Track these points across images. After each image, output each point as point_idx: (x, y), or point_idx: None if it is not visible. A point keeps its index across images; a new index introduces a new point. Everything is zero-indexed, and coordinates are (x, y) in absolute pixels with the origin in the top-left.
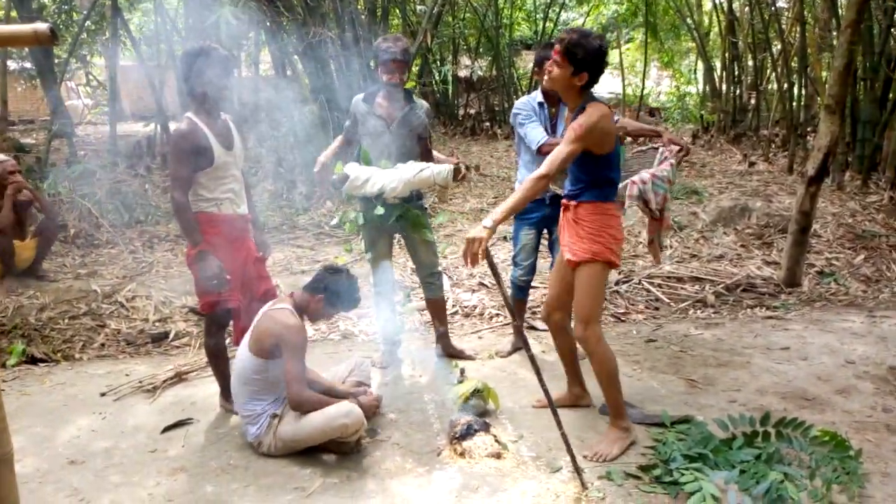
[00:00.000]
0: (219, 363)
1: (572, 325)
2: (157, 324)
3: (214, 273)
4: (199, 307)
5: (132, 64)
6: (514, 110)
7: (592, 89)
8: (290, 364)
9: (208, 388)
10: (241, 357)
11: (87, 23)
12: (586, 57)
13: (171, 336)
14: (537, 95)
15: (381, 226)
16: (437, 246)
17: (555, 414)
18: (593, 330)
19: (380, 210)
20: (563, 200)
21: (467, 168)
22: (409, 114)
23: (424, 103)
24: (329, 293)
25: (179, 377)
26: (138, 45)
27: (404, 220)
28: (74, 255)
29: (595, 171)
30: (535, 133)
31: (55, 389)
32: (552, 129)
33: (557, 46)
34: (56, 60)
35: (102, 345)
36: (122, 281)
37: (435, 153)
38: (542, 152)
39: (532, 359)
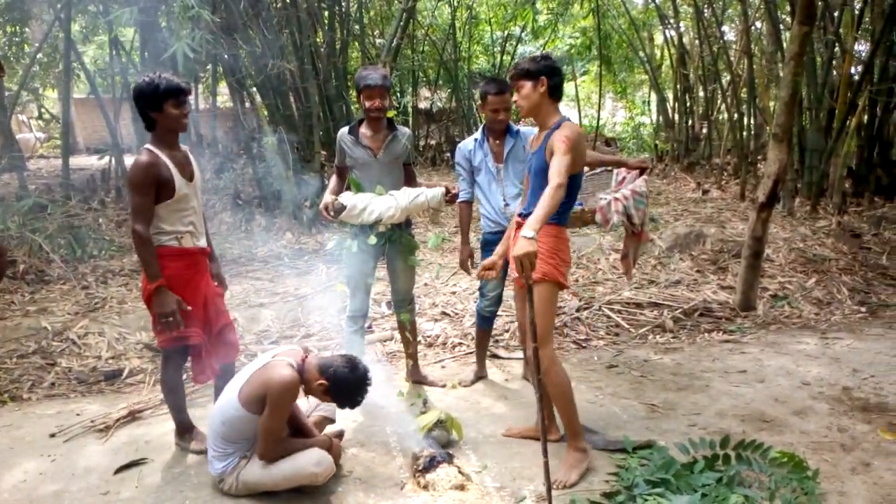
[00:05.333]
0: (175, 400)
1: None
2: (110, 361)
3: (171, 311)
4: (156, 343)
5: (86, 97)
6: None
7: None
8: (269, 420)
9: (163, 426)
10: (229, 400)
11: (40, 55)
12: (534, 65)
13: (125, 373)
14: (478, 132)
15: (371, 252)
16: (416, 272)
17: (544, 442)
18: (544, 349)
19: (373, 239)
20: (518, 219)
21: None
22: (393, 142)
23: (406, 130)
24: (334, 384)
25: (133, 416)
26: (93, 77)
27: (397, 245)
28: (24, 292)
29: None
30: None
31: (0, 432)
32: (496, 158)
33: (510, 78)
34: (7, 93)
35: (52, 384)
36: (74, 317)
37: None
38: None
39: (539, 385)
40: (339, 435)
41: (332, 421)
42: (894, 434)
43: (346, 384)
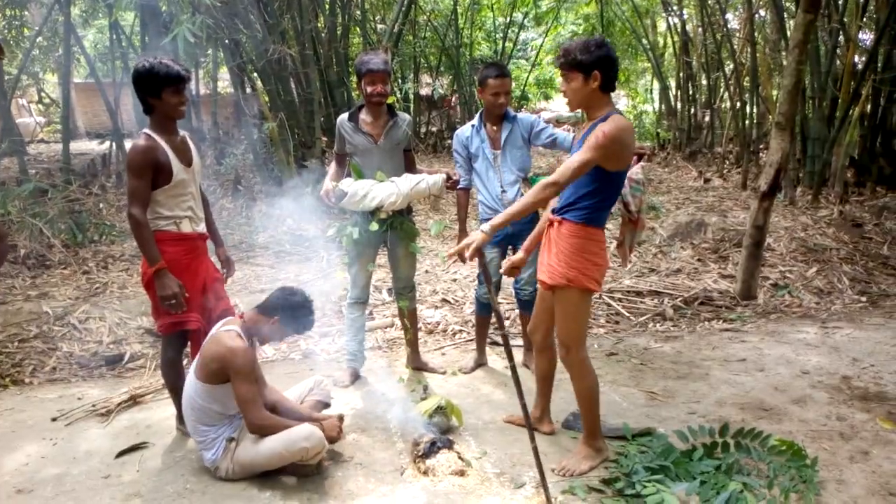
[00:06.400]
0: (175, 385)
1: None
2: (111, 346)
3: (174, 293)
4: (156, 328)
5: (87, 81)
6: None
7: (615, 103)
8: (239, 388)
9: (164, 410)
10: (189, 382)
11: (39, 39)
12: (588, 56)
13: (126, 358)
14: (475, 118)
15: (372, 239)
16: (417, 259)
17: (529, 428)
18: (575, 354)
19: (374, 226)
20: (550, 215)
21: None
22: (394, 128)
23: (406, 116)
24: (285, 315)
25: (134, 400)
26: (93, 61)
27: (399, 232)
28: (24, 277)
29: (596, 190)
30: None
31: (2, 415)
32: (493, 145)
33: (560, 69)
34: (6, 77)
35: (54, 368)
36: (75, 302)
37: None
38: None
39: (514, 370)
40: (339, 419)
41: (327, 405)
42: (893, 423)
43: (295, 309)
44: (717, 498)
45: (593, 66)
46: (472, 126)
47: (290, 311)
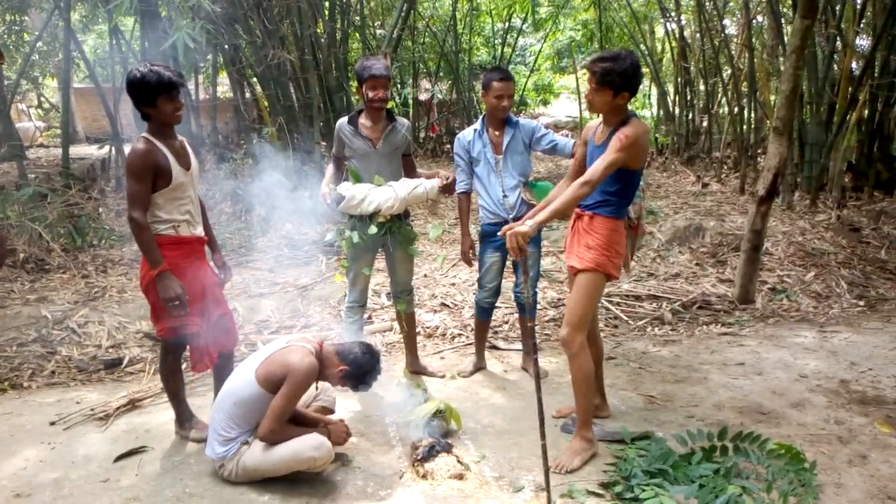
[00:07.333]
0: (175, 389)
1: (564, 328)
2: (110, 350)
3: (177, 294)
4: (156, 332)
5: (86, 86)
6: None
7: (630, 106)
8: (281, 399)
9: (163, 415)
10: (245, 380)
11: (39, 44)
12: (623, 77)
13: (125, 362)
14: (478, 122)
15: (370, 242)
16: (414, 263)
17: (542, 424)
18: (576, 334)
19: (373, 229)
20: (577, 210)
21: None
22: (392, 133)
23: (405, 121)
24: (354, 369)
25: (133, 404)
26: (93, 66)
27: (397, 236)
28: (24, 281)
29: (621, 188)
30: (457, 178)
31: (1, 419)
32: (495, 149)
33: (591, 77)
34: (6, 81)
35: (52, 372)
36: (74, 306)
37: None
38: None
39: (535, 362)
40: (347, 430)
41: (331, 412)
42: (891, 427)
43: (365, 368)
44: (716, 501)
45: (624, 88)
46: (475, 130)
47: (359, 369)
